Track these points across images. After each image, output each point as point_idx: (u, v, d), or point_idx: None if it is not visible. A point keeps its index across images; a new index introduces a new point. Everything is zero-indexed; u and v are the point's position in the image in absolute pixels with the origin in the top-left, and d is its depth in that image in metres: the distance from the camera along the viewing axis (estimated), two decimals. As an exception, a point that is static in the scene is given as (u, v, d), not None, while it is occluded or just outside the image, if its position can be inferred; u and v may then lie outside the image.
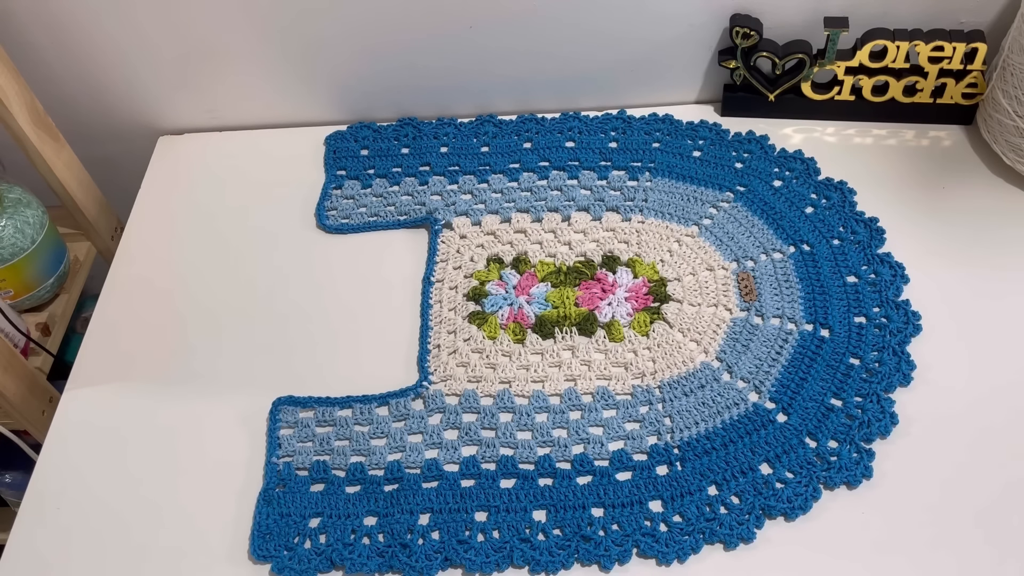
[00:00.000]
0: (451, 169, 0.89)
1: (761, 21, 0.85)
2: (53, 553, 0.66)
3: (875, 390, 0.70)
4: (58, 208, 0.91)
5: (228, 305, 0.81)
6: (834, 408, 0.69)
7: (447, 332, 0.77)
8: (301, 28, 0.88)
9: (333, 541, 0.65)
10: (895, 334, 0.73)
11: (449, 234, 0.84)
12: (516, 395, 0.73)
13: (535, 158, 0.89)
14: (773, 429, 0.69)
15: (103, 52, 0.89)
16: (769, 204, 0.83)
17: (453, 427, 0.71)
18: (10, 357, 0.78)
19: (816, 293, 0.76)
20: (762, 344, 0.74)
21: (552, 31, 0.88)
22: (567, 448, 0.69)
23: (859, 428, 0.68)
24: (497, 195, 0.87)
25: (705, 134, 0.90)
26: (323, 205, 0.88)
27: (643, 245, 0.82)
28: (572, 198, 0.86)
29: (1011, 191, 0.83)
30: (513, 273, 0.80)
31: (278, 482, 0.68)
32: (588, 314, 0.77)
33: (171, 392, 0.75)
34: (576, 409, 0.71)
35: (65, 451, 0.72)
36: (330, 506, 0.67)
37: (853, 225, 0.81)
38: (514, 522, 0.65)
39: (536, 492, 0.67)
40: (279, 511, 0.67)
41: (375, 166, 0.91)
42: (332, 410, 0.72)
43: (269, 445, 0.70)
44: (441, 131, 0.93)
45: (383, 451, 0.70)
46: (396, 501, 0.67)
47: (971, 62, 0.84)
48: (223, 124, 0.97)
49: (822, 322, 0.74)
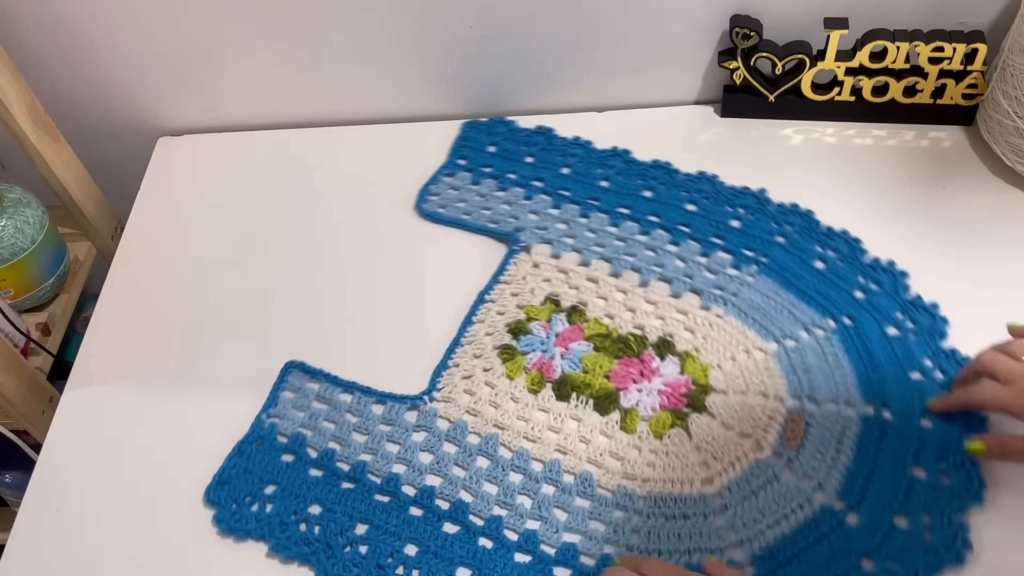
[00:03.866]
0: (561, 192, 0.86)
1: (761, 22, 0.85)
2: (53, 553, 0.66)
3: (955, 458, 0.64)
4: (58, 208, 0.91)
5: (228, 305, 0.81)
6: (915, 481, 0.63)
7: (472, 355, 0.74)
8: (302, 28, 0.88)
9: (274, 514, 0.65)
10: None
11: (523, 258, 0.81)
12: (502, 443, 0.69)
13: (647, 209, 0.83)
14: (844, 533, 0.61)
15: (103, 52, 0.89)
16: (872, 351, 0.71)
17: (429, 451, 0.68)
18: (10, 357, 0.78)
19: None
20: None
21: (551, 31, 0.88)
22: (522, 519, 0.65)
23: (949, 500, 0.62)
24: (591, 234, 0.82)
25: (840, 246, 0.79)
26: (428, 188, 0.87)
27: (708, 342, 0.73)
28: (661, 264, 0.79)
29: (1011, 191, 0.83)
30: (563, 320, 0.76)
31: (257, 438, 0.69)
32: (612, 392, 0.71)
33: (171, 392, 0.75)
34: (552, 484, 0.66)
35: (65, 451, 0.72)
36: (288, 480, 0.67)
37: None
38: (436, 570, 0.62)
39: (472, 549, 0.63)
40: (245, 466, 0.68)
41: (494, 165, 0.89)
42: (335, 390, 0.72)
43: (267, 400, 0.72)
44: (570, 150, 0.89)
45: (358, 447, 0.69)
46: (344, 501, 0.66)
47: (971, 63, 0.84)
48: (223, 124, 0.97)
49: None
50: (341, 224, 0.86)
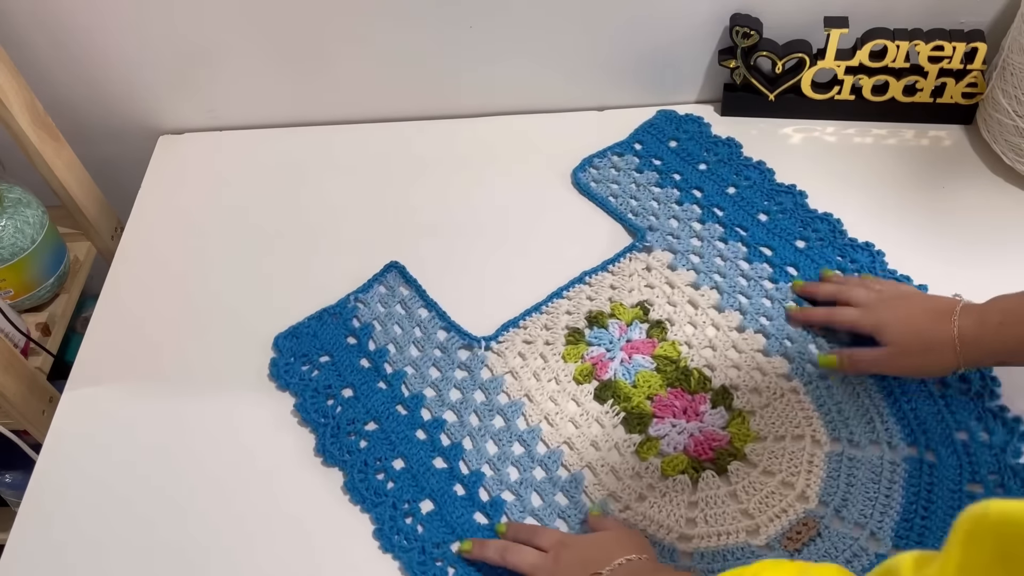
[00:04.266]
0: (714, 210, 0.82)
1: (761, 21, 0.85)
2: (53, 553, 0.66)
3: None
4: (58, 208, 0.91)
5: (228, 305, 0.81)
6: None
7: (544, 325, 0.76)
8: (302, 28, 0.88)
9: (315, 380, 0.73)
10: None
11: (640, 257, 0.79)
12: (523, 413, 0.70)
13: (790, 259, 0.78)
14: None
15: (103, 52, 0.89)
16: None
17: (461, 390, 0.72)
18: (10, 357, 0.78)
19: None
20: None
21: (551, 30, 0.88)
22: (501, 486, 0.67)
23: None
24: (719, 261, 0.78)
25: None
26: (592, 159, 0.88)
27: (770, 410, 0.69)
28: (770, 317, 0.75)
29: (1011, 191, 0.83)
30: (642, 330, 0.74)
31: (337, 312, 0.77)
32: (647, 415, 0.69)
33: (171, 392, 0.75)
34: (544, 470, 0.67)
35: (65, 451, 0.72)
36: (341, 358, 0.74)
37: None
38: (406, 491, 0.67)
39: (445, 490, 0.67)
40: (315, 330, 0.76)
41: (664, 159, 0.88)
42: (418, 303, 0.78)
43: (362, 286, 0.79)
44: (746, 171, 0.85)
45: (407, 359, 0.74)
46: (371, 397, 0.72)
47: (971, 62, 0.84)
48: (223, 124, 0.97)
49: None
50: (342, 223, 0.86)
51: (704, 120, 0.91)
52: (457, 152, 0.92)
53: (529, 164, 0.90)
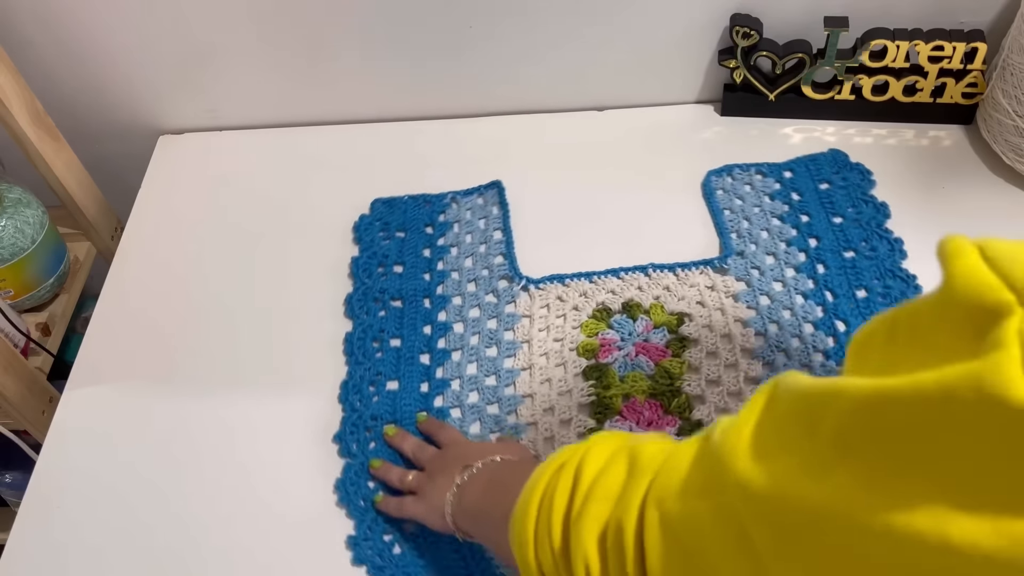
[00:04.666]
0: (816, 263, 0.78)
1: (761, 21, 0.85)
2: (53, 553, 0.66)
3: None
4: (58, 208, 0.91)
5: (229, 305, 0.81)
6: None
7: (581, 293, 0.77)
8: (302, 28, 0.88)
9: (383, 248, 0.82)
10: None
11: (711, 274, 0.78)
12: (513, 355, 0.74)
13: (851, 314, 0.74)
14: None
15: (103, 51, 0.89)
16: None
17: (480, 309, 0.77)
18: (10, 357, 0.78)
19: None
20: None
21: (551, 31, 0.88)
22: (456, 401, 0.72)
23: None
24: (787, 315, 0.74)
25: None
26: (733, 168, 0.86)
27: None
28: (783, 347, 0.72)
29: (1011, 191, 0.83)
30: (664, 338, 0.73)
31: (433, 201, 0.85)
32: (613, 412, 0.69)
33: (171, 392, 0.75)
34: (496, 407, 0.71)
35: (65, 451, 0.72)
36: (409, 243, 0.82)
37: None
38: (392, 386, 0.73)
39: (412, 390, 0.72)
40: (408, 207, 0.85)
41: (804, 197, 0.83)
42: (499, 225, 0.83)
43: (466, 190, 0.86)
44: (879, 237, 0.79)
45: (458, 262, 0.80)
46: (412, 278, 0.79)
47: (971, 62, 0.84)
48: (223, 124, 0.97)
49: None
50: (342, 223, 0.86)
51: (871, 175, 0.85)
52: (458, 152, 0.92)
53: (530, 164, 0.90)
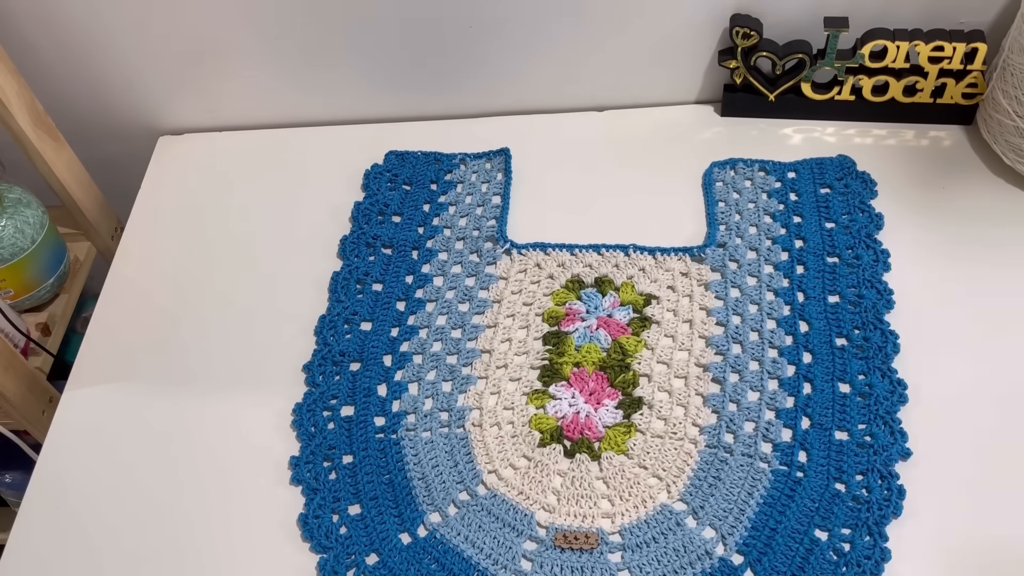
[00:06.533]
0: (796, 265, 0.77)
1: (761, 21, 0.85)
2: (53, 553, 0.66)
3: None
4: (58, 208, 0.91)
5: (229, 305, 0.81)
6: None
7: (561, 263, 0.79)
8: (302, 27, 0.88)
9: (386, 198, 0.85)
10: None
11: (687, 261, 0.78)
12: (484, 312, 0.76)
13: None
14: None
15: (103, 52, 0.89)
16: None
17: (462, 266, 0.80)
18: (10, 357, 0.78)
19: None
20: None
21: (551, 31, 0.88)
22: (417, 380, 0.72)
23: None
24: (753, 309, 0.75)
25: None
26: (737, 162, 0.86)
27: (658, 442, 0.67)
28: (740, 373, 0.71)
29: (1011, 191, 0.83)
30: (628, 316, 0.75)
31: (443, 160, 0.88)
32: (559, 376, 0.71)
33: (171, 392, 0.75)
34: (450, 385, 0.72)
35: (65, 451, 0.72)
36: (412, 195, 0.85)
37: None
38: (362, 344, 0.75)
39: (379, 367, 0.73)
40: (417, 162, 0.88)
41: (802, 198, 0.83)
42: (499, 190, 0.86)
43: (477, 153, 0.89)
44: (866, 247, 0.78)
45: (449, 223, 0.83)
46: (406, 229, 0.83)
47: (971, 62, 0.84)
48: (223, 124, 0.97)
49: None
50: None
51: (874, 185, 0.83)
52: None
53: (530, 164, 0.90)
